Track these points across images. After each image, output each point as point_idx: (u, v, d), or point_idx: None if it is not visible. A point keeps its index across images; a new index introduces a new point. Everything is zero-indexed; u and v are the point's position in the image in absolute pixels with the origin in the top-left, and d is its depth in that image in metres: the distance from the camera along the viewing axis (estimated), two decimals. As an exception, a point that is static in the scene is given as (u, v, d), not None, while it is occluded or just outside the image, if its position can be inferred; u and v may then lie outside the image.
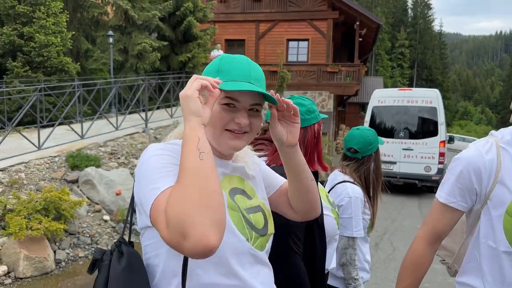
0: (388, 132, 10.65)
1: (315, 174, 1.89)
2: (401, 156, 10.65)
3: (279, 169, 1.83)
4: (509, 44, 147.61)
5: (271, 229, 1.32)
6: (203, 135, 1.01)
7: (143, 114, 11.17)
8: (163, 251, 1.09)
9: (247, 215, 1.22)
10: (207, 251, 0.87)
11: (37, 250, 5.36)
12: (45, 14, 11.67)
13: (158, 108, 12.61)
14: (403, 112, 10.65)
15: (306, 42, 21.11)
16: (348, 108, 27.08)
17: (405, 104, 10.68)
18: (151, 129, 10.91)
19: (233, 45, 22.15)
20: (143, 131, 10.54)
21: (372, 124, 10.69)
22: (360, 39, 21.26)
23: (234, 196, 1.22)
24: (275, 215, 1.75)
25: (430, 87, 40.84)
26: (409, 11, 59.98)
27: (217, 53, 12.89)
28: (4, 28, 11.40)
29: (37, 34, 11.36)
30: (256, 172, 1.37)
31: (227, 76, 1.15)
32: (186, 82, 13.79)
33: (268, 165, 1.97)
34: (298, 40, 21.17)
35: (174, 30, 15.59)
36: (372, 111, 10.94)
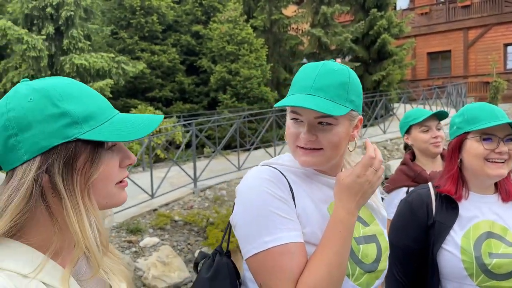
0: None
1: None
2: None
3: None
4: None
5: (383, 264, 1.12)
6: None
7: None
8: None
9: (354, 247, 1.07)
10: None
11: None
12: (248, 51, 13.21)
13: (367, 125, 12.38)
14: None
15: (530, 45, 17.89)
16: None
17: None
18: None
19: (437, 58, 20.40)
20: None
21: None
22: None
23: None
24: None
25: None
26: None
27: None
28: (216, 66, 13.40)
29: (242, 69, 12.93)
30: (375, 196, 1.22)
31: (292, 88, 1.18)
32: (379, 101, 12.73)
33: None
34: (519, 43, 18.12)
35: (367, 50, 15.36)
36: None
